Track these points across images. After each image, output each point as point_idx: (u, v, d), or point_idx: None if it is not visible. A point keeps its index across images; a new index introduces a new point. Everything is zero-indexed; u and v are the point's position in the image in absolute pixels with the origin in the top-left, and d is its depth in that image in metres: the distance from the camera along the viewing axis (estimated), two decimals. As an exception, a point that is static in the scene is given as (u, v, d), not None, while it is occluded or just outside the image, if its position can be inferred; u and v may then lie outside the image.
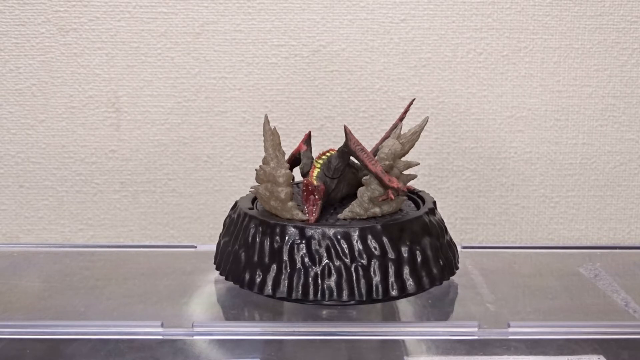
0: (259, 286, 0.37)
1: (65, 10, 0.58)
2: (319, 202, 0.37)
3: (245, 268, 0.38)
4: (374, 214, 0.38)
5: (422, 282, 0.37)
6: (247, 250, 0.38)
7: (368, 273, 0.36)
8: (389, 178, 0.37)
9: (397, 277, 0.36)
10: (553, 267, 0.48)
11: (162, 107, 0.59)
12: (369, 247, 0.36)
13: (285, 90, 0.59)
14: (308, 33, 0.58)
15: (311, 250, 0.36)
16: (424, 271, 0.37)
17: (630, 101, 0.60)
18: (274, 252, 0.37)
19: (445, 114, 0.59)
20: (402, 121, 0.43)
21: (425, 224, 0.38)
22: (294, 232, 0.36)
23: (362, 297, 0.36)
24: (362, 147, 0.38)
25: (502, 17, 0.58)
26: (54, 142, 0.60)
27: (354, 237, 0.36)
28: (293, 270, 0.36)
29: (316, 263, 0.36)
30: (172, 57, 0.58)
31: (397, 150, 0.39)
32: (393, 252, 0.36)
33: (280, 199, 0.38)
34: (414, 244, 0.37)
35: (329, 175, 0.39)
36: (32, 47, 0.58)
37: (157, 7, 0.58)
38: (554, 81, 0.59)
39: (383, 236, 0.36)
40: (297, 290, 0.36)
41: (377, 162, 0.38)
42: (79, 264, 0.47)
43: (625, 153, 0.60)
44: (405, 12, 0.58)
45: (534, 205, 0.61)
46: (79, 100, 0.59)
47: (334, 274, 0.36)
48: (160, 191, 0.60)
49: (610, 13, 0.58)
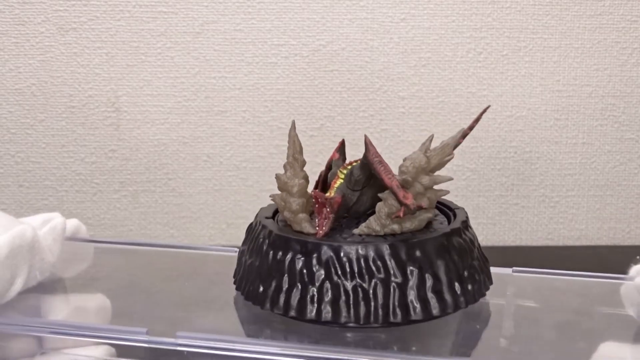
0: (259, 299, 0.35)
1: (65, 10, 0.58)
2: (330, 215, 0.35)
3: (249, 279, 0.36)
4: (393, 231, 0.35)
5: (430, 309, 0.33)
6: (255, 261, 0.36)
7: (367, 295, 0.33)
8: (404, 194, 0.35)
9: (400, 302, 0.33)
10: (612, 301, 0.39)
11: (161, 106, 0.59)
12: (370, 268, 0.33)
13: (285, 90, 0.59)
14: (308, 33, 0.58)
15: (310, 266, 0.34)
16: (434, 297, 0.33)
17: (630, 101, 0.60)
18: (276, 265, 0.35)
19: (445, 114, 0.59)
20: (471, 130, 0.40)
21: (442, 245, 0.34)
22: (296, 245, 0.34)
23: (360, 320, 0.33)
24: (380, 160, 0.35)
25: (502, 17, 0.58)
26: (54, 141, 0.60)
27: (355, 255, 0.34)
28: (292, 287, 0.34)
29: (314, 280, 0.34)
30: (172, 56, 0.58)
31: (420, 164, 0.36)
32: (399, 275, 0.33)
33: (292, 210, 0.36)
34: (424, 266, 0.34)
35: (350, 187, 0.36)
36: (32, 46, 0.58)
37: (157, 7, 0.58)
38: (554, 81, 0.59)
39: (389, 256, 0.33)
40: (293, 307, 0.34)
41: (394, 176, 0.35)
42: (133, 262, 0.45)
43: (625, 153, 0.60)
44: (405, 12, 0.58)
45: (533, 205, 0.61)
46: (79, 99, 0.59)
47: (330, 294, 0.33)
48: (160, 191, 0.60)
49: (610, 13, 0.58)
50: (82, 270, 0.44)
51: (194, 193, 0.61)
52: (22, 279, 0.36)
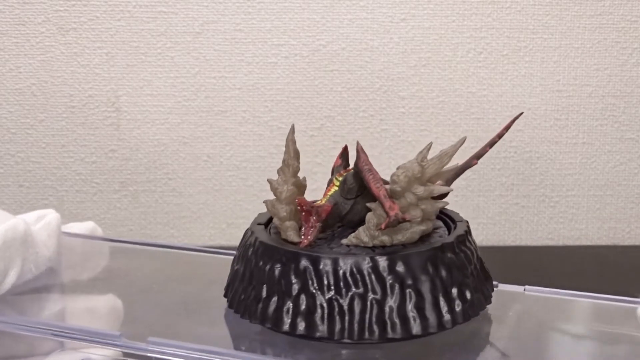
0: (239, 307, 0.34)
1: (65, 10, 0.58)
2: (317, 224, 0.34)
3: (234, 286, 0.35)
4: (382, 242, 0.33)
5: (409, 327, 0.31)
6: (240, 268, 0.35)
7: (342, 310, 0.31)
8: (390, 204, 0.33)
9: (378, 318, 0.31)
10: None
11: (162, 106, 0.59)
12: (347, 281, 0.31)
13: (285, 90, 0.59)
14: (308, 33, 0.58)
15: (288, 276, 0.32)
16: (416, 315, 0.31)
17: (630, 101, 0.60)
18: (257, 273, 0.34)
19: (445, 114, 0.59)
20: (500, 138, 0.38)
21: (428, 259, 0.32)
22: (275, 254, 0.33)
23: (334, 335, 0.31)
24: (370, 168, 0.34)
25: (502, 17, 0.58)
26: (54, 141, 0.60)
27: (332, 267, 0.31)
28: (270, 297, 0.33)
29: (291, 291, 0.32)
30: (172, 56, 0.58)
31: (413, 173, 0.34)
32: (378, 289, 0.31)
33: (280, 217, 0.35)
34: (406, 281, 0.32)
35: (344, 195, 0.35)
36: (32, 46, 0.58)
37: (157, 7, 0.58)
38: (554, 81, 0.59)
39: (368, 270, 0.32)
40: (269, 318, 0.32)
41: (382, 185, 0.33)
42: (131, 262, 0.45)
43: (625, 153, 0.60)
44: (405, 12, 0.58)
45: (533, 205, 0.61)
46: (79, 99, 0.59)
47: (305, 306, 0.32)
48: (160, 190, 0.60)
49: (610, 13, 0.58)
50: (94, 271, 0.44)
51: (194, 193, 0.61)
52: (15, 271, 0.36)
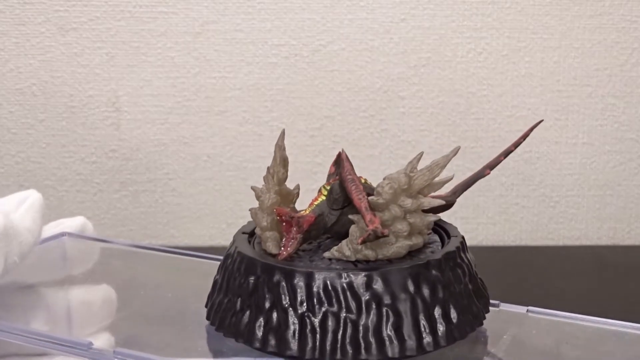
0: (214, 319, 0.32)
1: (65, 10, 0.58)
2: (298, 235, 0.32)
3: (212, 296, 0.34)
4: (366, 257, 0.32)
5: (385, 349, 0.29)
6: (219, 277, 0.34)
7: (314, 328, 0.30)
8: (371, 217, 0.31)
9: (352, 338, 0.29)
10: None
11: (162, 106, 0.59)
12: (321, 298, 0.30)
13: (285, 90, 0.59)
14: (308, 33, 0.58)
15: (262, 290, 0.31)
16: (394, 336, 0.30)
17: (630, 101, 0.60)
18: (233, 285, 0.32)
19: (445, 114, 0.59)
20: (516, 147, 0.37)
21: (412, 276, 0.31)
22: (250, 266, 0.31)
23: (304, 354, 0.29)
24: (353, 177, 0.32)
25: (502, 17, 0.58)
26: (54, 141, 0.60)
27: (305, 282, 0.30)
28: (243, 310, 0.31)
29: (263, 306, 0.30)
30: (172, 56, 0.58)
31: (399, 185, 0.32)
32: (353, 307, 0.30)
33: (261, 226, 0.33)
34: (383, 300, 0.30)
35: (330, 205, 0.33)
36: (32, 46, 0.58)
37: (157, 7, 0.58)
38: (554, 81, 0.59)
39: (343, 286, 0.30)
40: (242, 333, 0.31)
41: (365, 196, 0.32)
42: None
43: (625, 153, 0.60)
44: (405, 12, 0.58)
45: (533, 205, 0.61)
46: (79, 99, 0.59)
47: (276, 323, 0.30)
48: (161, 191, 0.61)
49: (610, 13, 0.58)
50: (85, 269, 0.44)
51: (194, 193, 0.61)
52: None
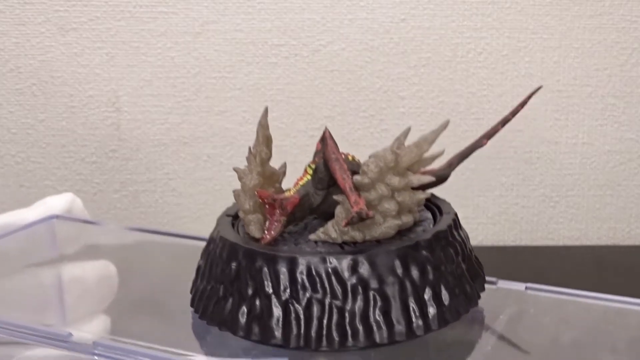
0: (196, 306, 0.32)
1: (65, 10, 0.58)
2: (282, 218, 0.31)
3: (196, 282, 0.33)
4: (352, 238, 0.30)
5: (373, 335, 0.28)
6: (201, 263, 0.33)
7: (298, 315, 0.28)
8: (356, 198, 0.30)
9: (338, 325, 0.28)
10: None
11: (162, 106, 0.59)
12: (305, 284, 0.28)
13: (285, 90, 0.59)
14: (308, 33, 0.58)
15: (244, 276, 0.29)
16: (382, 321, 0.28)
17: (630, 101, 0.60)
18: (215, 270, 0.31)
19: (445, 114, 0.59)
20: (514, 116, 0.35)
21: (400, 258, 0.29)
22: (231, 251, 0.30)
23: (289, 343, 0.28)
24: (337, 157, 0.31)
25: (502, 17, 0.58)
26: (54, 141, 0.60)
27: (288, 268, 0.29)
28: (226, 297, 0.30)
29: (246, 293, 0.29)
30: (172, 56, 0.58)
31: (385, 163, 0.30)
32: (338, 293, 0.28)
33: (243, 209, 0.32)
34: (370, 284, 0.28)
35: (315, 185, 0.32)
36: (32, 46, 0.58)
37: (157, 7, 0.58)
38: (554, 81, 0.59)
39: (328, 271, 0.28)
40: (225, 320, 0.30)
41: (349, 176, 0.30)
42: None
43: (625, 153, 0.60)
44: (405, 12, 0.58)
45: (533, 205, 0.61)
46: (79, 99, 0.59)
47: (259, 310, 0.29)
48: (161, 191, 0.61)
49: (610, 13, 0.58)
50: (75, 251, 0.43)
51: (194, 193, 0.61)
52: None
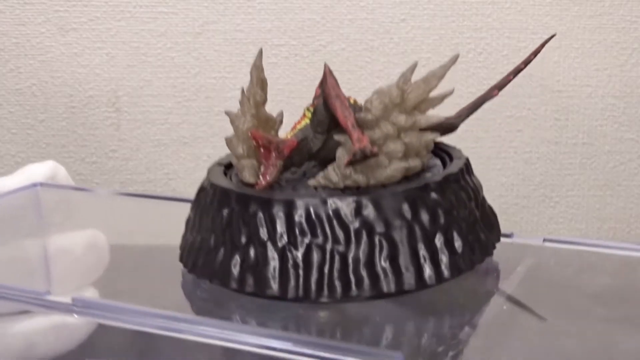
0: (184, 259, 0.30)
1: (65, 10, 0.58)
2: (278, 162, 0.29)
3: (185, 234, 0.31)
4: (356, 183, 0.28)
5: (380, 285, 0.26)
6: (192, 213, 0.31)
7: (296, 263, 0.26)
8: (359, 135, 0.27)
9: (340, 273, 0.26)
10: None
11: (162, 106, 0.59)
12: (303, 229, 0.26)
13: (285, 90, 0.59)
14: (308, 33, 0.58)
15: (237, 224, 0.27)
16: (389, 269, 0.26)
17: (630, 101, 0.60)
18: (206, 220, 0.29)
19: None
20: (526, 65, 0.33)
21: (408, 201, 0.26)
22: (224, 198, 0.28)
23: (286, 294, 0.26)
24: (338, 93, 0.29)
25: (502, 17, 0.58)
26: (54, 141, 0.60)
27: (285, 212, 0.26)
28: (217, 248, 0.28)
29: (239, 242, 0.27)
30: (172, 57, 0.59)
31: (390, 99, 0.28)
32: (341, 239, 0.26)
33: (236, 154, 0.30)
34: (376, 229, 0.26)
35: (314, 129, 0.30)
36: (33, 46, 0.58)
37: (157, 7, 0.58)
38: (554, 81, 0.59)
39: (329, 215, 0.26)
40: (217, 273, 0.28)
41: (351, 113, 0.28)
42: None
43: (625, 153, 0.60)
44: (405, 12, 0.58)
45: (533, 205, 0.61)
46: (79, 99, 0.59)
47: (254, 260, 0.27)
48: (161, 191, 0.61)
49: (610, 13, 0.58)
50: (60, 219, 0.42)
51: (194, 193, 0.61)
52: None
